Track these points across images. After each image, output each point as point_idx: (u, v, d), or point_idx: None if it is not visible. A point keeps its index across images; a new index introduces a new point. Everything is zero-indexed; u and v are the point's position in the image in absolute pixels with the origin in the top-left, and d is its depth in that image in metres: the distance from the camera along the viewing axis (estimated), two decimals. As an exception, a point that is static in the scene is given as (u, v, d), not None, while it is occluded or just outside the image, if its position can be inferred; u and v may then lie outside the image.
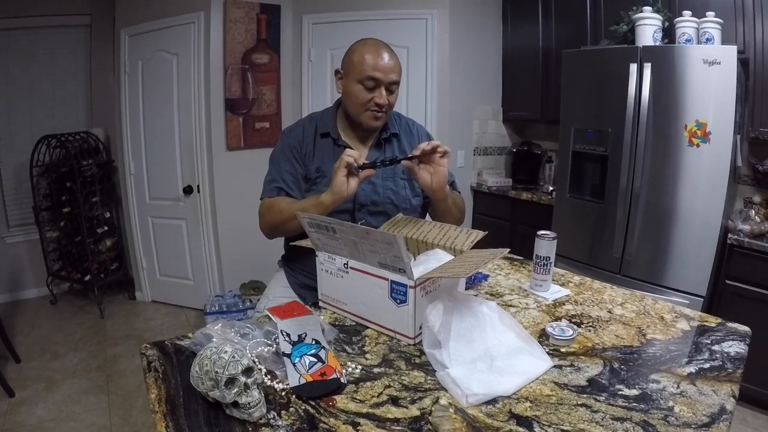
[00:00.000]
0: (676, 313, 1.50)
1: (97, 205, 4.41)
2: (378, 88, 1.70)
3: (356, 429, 0.96)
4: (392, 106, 1.78)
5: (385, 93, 1.71)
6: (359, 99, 1.72)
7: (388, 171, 1.81)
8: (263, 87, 4.20)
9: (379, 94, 1.70)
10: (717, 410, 1.02)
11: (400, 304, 1.24)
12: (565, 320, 1.43)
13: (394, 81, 1.72)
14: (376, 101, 1.70)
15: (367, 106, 1.72)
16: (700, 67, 2.79)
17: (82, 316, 4.36)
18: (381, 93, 1.70)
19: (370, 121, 1.75)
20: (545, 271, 1.65)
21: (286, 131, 1.93)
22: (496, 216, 4.46)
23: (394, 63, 1.72)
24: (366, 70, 1.68)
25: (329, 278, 1.42)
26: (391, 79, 1.70)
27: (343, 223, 1.26)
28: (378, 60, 1.68)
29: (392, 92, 1.74)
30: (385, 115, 1.76)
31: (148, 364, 1.18)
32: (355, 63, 1.71)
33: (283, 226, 1.75)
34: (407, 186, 1.85)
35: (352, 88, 1.73)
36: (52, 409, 3.03)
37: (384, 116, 1.77)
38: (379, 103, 1.70)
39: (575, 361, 1.22)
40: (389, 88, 1.72)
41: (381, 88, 1.70)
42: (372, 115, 1.74)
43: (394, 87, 1.74)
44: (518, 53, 4.53)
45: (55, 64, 4.50)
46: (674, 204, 3.00)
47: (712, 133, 2.81)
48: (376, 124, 1.77)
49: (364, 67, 1.68)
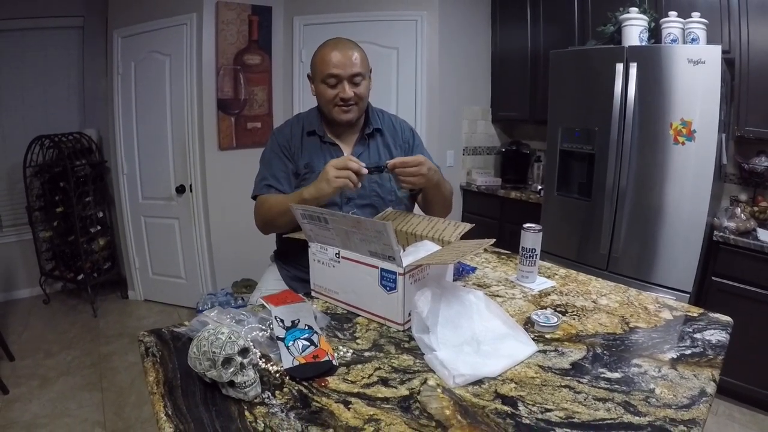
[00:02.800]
0: (659, 303, 1.55)
1: (90, 204, 4.41)
2: (341, 83, 1.77)
3: (347, 407, 1.00)
4: (362, 98, 1.83)
5: (349, 86, 1.77)
6: (326, 97, 1.80)
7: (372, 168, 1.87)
8: (255, 87, 4.22)
9: (342, 88, 1.77)
10: (697, 393, 1.06)
11: (390, 291, 1.28)
12: (550, 309, 1.47)
13: (356, 73, 1.78)
14: (341, 96, 1.77)
15: (334, 102, 1.80)
16: (685, 66, 2.82)
17: (75, 315, 4.37)
18: (344, 87, 1.77)
19: (341, 116, 1.82)
20: (531, 262, 1.69)
21: (276, 131, 2.00)
22: (485, 215, 4.49)
23: (354, 56, 1.78)
24: (325, 68, 1.76)
25: (321, 268, 1.47)
26: (351, 72, 1.76)
27: (335, 213, 1.32)
28: (336, 57, 1.75)
29: (357, 84, 1.80)
30: (356, 107, 1.82)
31: (146, 350, 1.22)
32: (317, 64, 1.80)
33: (275, 221, 1.80)
34: (392, 178, 1.88)
35: (319, 88, 1.82)
36: (46, 405, 3.04)
37: (354, 108, 1.82)
38: (343, 97, 1.77)
39: (559, 346, 1.27)
40: (352, 81, 1.78)
41: (343, 83, 1.76)
42: (340, 110, 1.81)
43: (358, 79, 1.79)
44: (507, 54, 4.56)
45: (47, 65, 4.51)
46: (660, 201, 3.03)
47: (697, 131, 2.84)
48: (347, 117, 1.82)
49: (323, 67, 1.77)
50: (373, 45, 3.98)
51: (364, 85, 1.83)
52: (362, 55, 1.82)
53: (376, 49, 4.02)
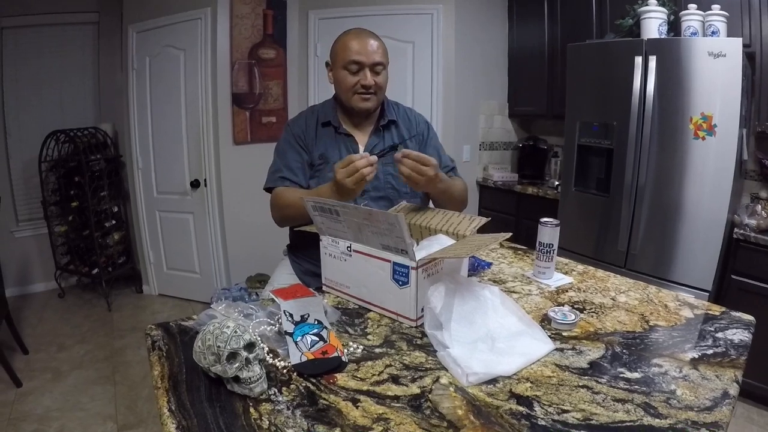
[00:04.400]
0: (679, 301, 1.50)
1: (105, 199, 4.43)
2: (362, 70, 1.76)
3: (356, 405, 0.96)
4: (381, 88, 1.83)
5: (371, 74, 1.76)
6: (346, 83, 1.79)
7: (387, 156, 1.84)
8: (270, 82, 4.21)
9: (363, 76, 1.76)
10: (720, 394, 1.02)
11: (402, 285, 1.25)
12: (568, 306, 1.43)
13: (378, 62, 1.77)
14: (362, 83, 1.77)
15: (354, 89, 1.79)
16: (706, 59, 2.77)
17: (89, 309, 4.39)
18: (366, 75, 1.76)
19: (360, 104, 1.81)
20: (548, 258, 1.65)
21: (290, 122, 1.98)
22: (501, 210, 4.45)
23: (376, 45, 1.77)
24: (348, 55, 1.75)
25: (333, 262, 1.43)
26: (374, 60, 1.76)
27: (347, 205, 1.28)
28: (359, 44, 1.75)
29: (378, 73, 1.79)
30: (374, 96, 1.81)
31: (152, 344, 1.20)
32: (339, 51, 1.79)
33: (288, 213, 1.78)
34: None
35: (339, 75, 1.81)
36: (59, 399, 3.05)
37: (374, 98, 1.81)
38: (364, 84, 1.76)
39: (577, 344, 1.22)
40: (374, 69, 1.77)
41: (365, 70, 1.76)
42: (360, 98, 1.80)
43: (380, 68, 1.79)
44: (524, 48, 4.52)
45: (63, 61, 4.53)
46: (680, 198, 2.97)
47: (718, 126, 2.78)
48: (366, 105, 1.81)
49: (346, 53, 1.76)
50: (389, 39, 3.87)
51: (384, 76, 1.82)
52: (383, 46, 1.82)
53: (391, 43, 3.90)
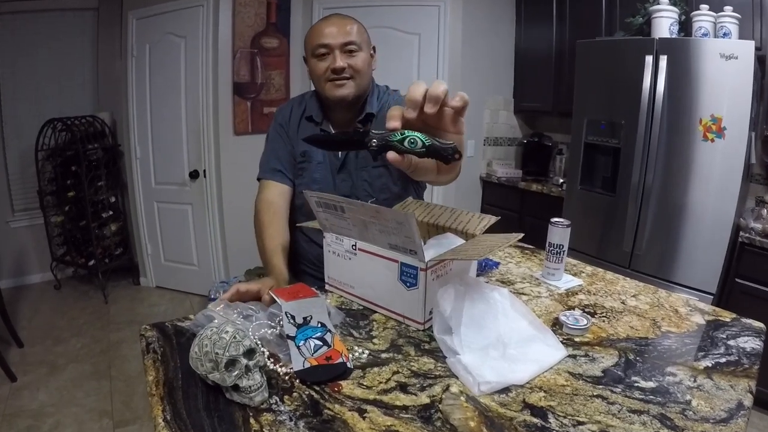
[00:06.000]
0: (690, 306, 1.46)
1: (102, 189, 4.38)
2: (331, 53, 1.59)
3: (363, 416, 0.91)
4: (359, 71, 1.62)
5: (341, 56, 1.58)
6: (316, 71, 1.62)
7: (361, 161, 1.70)
8: (272, 71, 4.16)
9: (332, 59, 1.58)
10: (734, 405, 0.98)
11: (410, 287, 1.19)
12: (579, 310, 1.38)
13: (348, 41, 1.59)
14: (331, 67, 1.58)
15: (326, 76, 1.61)
16: (717, 61, 2.75)
17: (85, 301, 4.35)
18: (334, 57, 1.58)
19: (334, 91, 1.61)
20: (558, 259, 1.60)
21: (278, 110, 1.87)
22: (505, 207, 4.41)
23: (347, 26, 1.61)
24: (315, 39, 1.60)
25: (336, 260, 1.37)
26: (343, 40, 1.58)
27: (353, 202, 1.21)
28: (325, 26, 1.60)
29: (352, 55, 1.60)
30: (351, 82, 1.62)
31: (147, 346, 1.14)
32: (307, 39, 1.65)
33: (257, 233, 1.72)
34: (384, 173, 1.72)
35: (310, 64, 1.65)
36: (54, 394, 3.01)
37: (350, 84, 1.62)
38: (334, 68, 1.58)
39: (590, 351, 1.18)
40: (345, 50, 1.59)
41: (335, 53, 1.58)
42: (333, 85, 1.61)
43: (352, 48, 1.60)
44: (532, 43, 4.48)
45: (61, 48, 4.46)
46: (687, 199, 2.96)
47: (727, 128, 2.77)
48: (341, 92, 1.61)
49: (313, 39, 1.61)
50: (395, 30, 3.94)
51: (361, 58, 1.62)
52: (359, 27, 1.64)
53: (397, 35, 3.99)
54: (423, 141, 0.90)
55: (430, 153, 0.91)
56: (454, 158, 0.91)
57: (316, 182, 1.74)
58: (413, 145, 0.91)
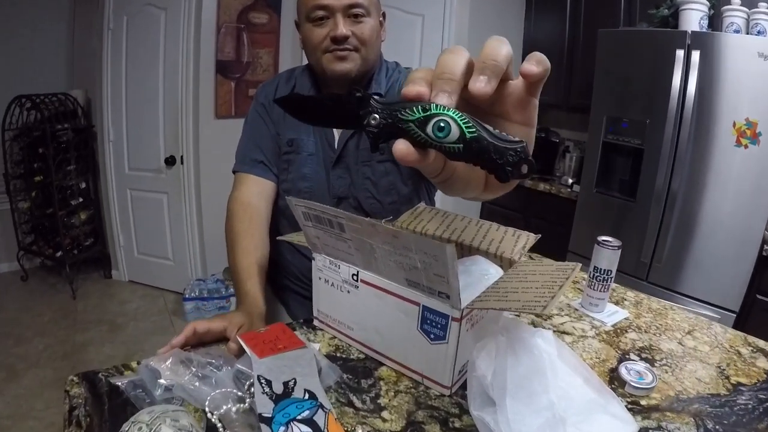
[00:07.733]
0: (750, 346, 1.19)
1: (71, 174, 4.03)
2: (332, 17, 1.24)
3: None
4: (364, 42, 1.28)
5: (344, 22, 1.24)
6: (313, 40, 1.27)
7: (363, 153, 1.36)
8: (260, 50, 3.89)
9: (333, 24, 1.24)
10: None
11: (435, 340, 0.85)
12: (636, 356, 1.08)
13: (354, 3, 1.23)
14: (332, 35, 1.24)
15: (323, 47, 1.26)
16: (755, 60, 2.53)
17: (52, 295, 4.03)
18: (336, 22, 1.23)
19: (335, 65, 1.27)
20: (604, 287, 1.29)
21: (261, 87, 1.51)
22: (508, 207, 4.15)
23: None
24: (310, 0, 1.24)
25: (329, 291, 1.02)
26: (347, 1, 1.23)
27: (357, 218, 0.84)
28: None
29: (357, 21, 1.26)
30: (355, 54, 1.28)
31: (70, 410, 0.82)
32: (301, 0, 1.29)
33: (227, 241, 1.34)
34: (392, 169, 1.38)
35: (304, 31, 1.30)
36: (11, 403, 2.75)
37: (354, 56, 1.28)
38: (334, 36, 1.23)
39: (662, 420, 0.89)
40: (349, 13, 1.25)
41: (336, 17, 1.23)
42: (333, 57, 1.27)
43: (358, 11, 1.25)
44: (542, 31, 4.20)
45: (34, 18, 4.10)
46: (714, 209, 2.76)
47: (763, 134, 2.56)
48: (342, 67, 1.27)
49: None
50: (397, 10, 3.67)
51: (369, 25, 1.28)
52: None
53: (399, 15, 3.72)
54: (462, 127, 0.50)
55: (473, 153, 0.51)
56: (520, 171, 0.52)
57: (305, 179, 1.39)
58: (443, 132, 0.50)
